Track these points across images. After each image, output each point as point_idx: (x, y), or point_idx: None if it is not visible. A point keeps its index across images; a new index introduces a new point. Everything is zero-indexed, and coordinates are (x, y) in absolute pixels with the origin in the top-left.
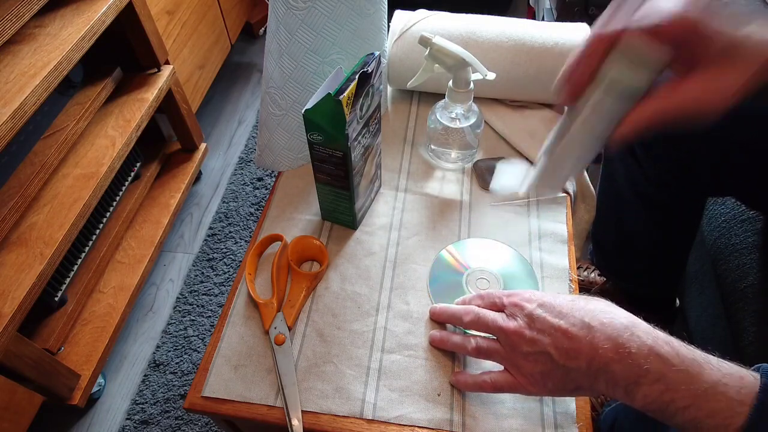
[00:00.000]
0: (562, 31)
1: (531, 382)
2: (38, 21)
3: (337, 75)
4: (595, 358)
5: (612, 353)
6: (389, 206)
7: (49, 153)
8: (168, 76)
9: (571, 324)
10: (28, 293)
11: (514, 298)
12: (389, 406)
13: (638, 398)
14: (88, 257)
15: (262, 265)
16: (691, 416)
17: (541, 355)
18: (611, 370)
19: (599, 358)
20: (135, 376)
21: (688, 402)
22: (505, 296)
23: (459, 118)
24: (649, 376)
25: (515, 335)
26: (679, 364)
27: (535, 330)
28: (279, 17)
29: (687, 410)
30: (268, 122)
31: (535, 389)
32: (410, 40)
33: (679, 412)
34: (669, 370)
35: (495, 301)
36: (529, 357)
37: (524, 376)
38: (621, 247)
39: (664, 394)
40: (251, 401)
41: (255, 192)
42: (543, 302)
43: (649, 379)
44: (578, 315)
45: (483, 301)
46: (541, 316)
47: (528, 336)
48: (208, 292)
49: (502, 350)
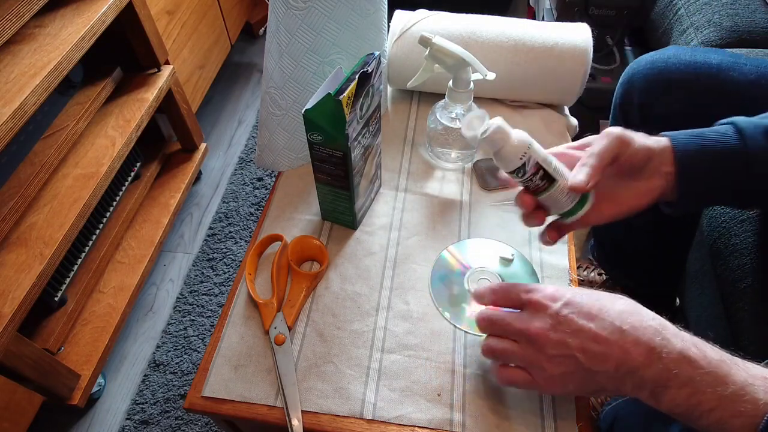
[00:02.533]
0: (562, 31)
1: (551, 384)
2: (38, 21)
3: (337, 75)
4: (624, 362)
5: (642, 358)
6: (389, 206)
7: (49, 153)
8: (168, 76)
9: (602, 327)
10: (28, 293)
11: (535, 294)
12: (389, 406)
13: (665, 402)
14: (88, 257)
15: (262, 265)
16: (717, 417)
17: (567, 359)
18: (640, 375)
19: (629, 363)
20: (135, 376)
21: (714, 404)
22: (523, 292)
23: (459, 118)
24: (678, 380)
25: (540, 337)
26: (706, 366)
27: (560, 332)
28: (279, 17)
29: (713, 412)
30: (268, 122)
31: (554, 389)
32: (410, 40)
33: (705, 415)
34: (697, 373)
35: (511, 296)
36: (553, 360)
37: (545, 378)
38: (621, 246)
39: (692, 398)
40: (251, 401)
41: (255, 192)
42: (568, 301)
43: (677, 383)
44: (608, 317)
45: (496, 296)
46: (568, 317)
47: (554, 338)
48: (208, 292)
49: (521, 351)
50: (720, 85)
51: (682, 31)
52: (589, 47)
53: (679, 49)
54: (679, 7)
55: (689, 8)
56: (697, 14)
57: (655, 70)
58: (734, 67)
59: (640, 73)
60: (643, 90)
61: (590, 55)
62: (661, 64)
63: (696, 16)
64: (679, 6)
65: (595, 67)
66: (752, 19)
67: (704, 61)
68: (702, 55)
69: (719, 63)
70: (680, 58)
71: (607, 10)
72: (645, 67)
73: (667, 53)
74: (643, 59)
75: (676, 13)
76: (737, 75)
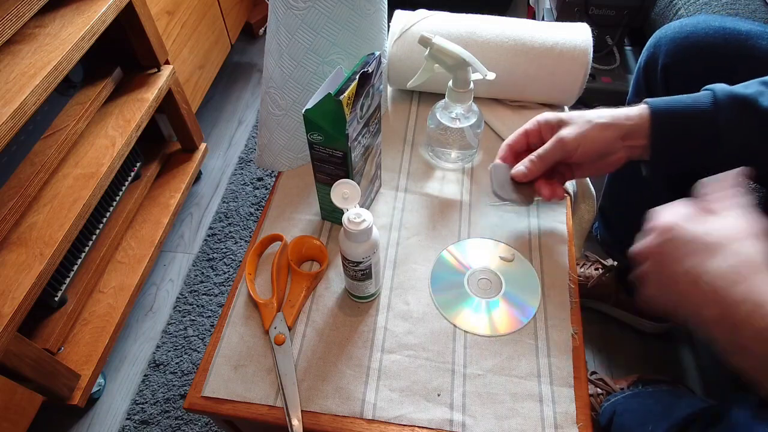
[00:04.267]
0: (562, 31)
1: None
2: (38, 21)
3: (337, 75)
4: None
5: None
6: (389, 206)
7: (49, 153)
8: (168, 76)
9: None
10: (28, 293)
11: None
12: (389, 406)
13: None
14: (88, 257)
15: (262, 265)
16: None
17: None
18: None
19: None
20: (135, 376)
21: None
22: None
23: (459, 118)
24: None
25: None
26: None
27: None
28: (279, 17)
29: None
30: (268, 122)
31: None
32: (410, 40)
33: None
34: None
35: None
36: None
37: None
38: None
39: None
40: (251, 401)
41: (255, 192)
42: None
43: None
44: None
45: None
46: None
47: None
48: (208, 292)
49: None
50: (747, 51)
51: None
52: (589, 47)
53: (709, 17)
54: (679, 7)
55: (689, 8)
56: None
57: (683, 33)
58: (763, 35)
59: (667, 37)
60: (668, 52)
61: (590, 55)
62: (690, 28)
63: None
64: (679, 6)
65: (595, 67)
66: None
67: (733, 28)
68: (731, 22)
69: (748, 30)
70: (709, 24)
71: (607, 10)
72: (673, 30)
73: (697, 19)
74: (672, 24)
75: (676, 13)
76: (766, 43)
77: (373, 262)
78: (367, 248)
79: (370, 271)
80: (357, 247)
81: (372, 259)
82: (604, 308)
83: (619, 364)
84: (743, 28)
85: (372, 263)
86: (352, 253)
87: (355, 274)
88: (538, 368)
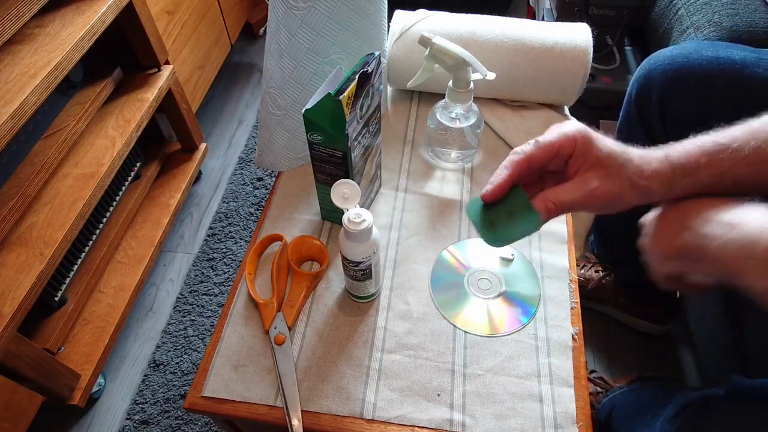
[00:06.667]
0: (562, 31)
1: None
2: (38, 21)
3: (337, 75)
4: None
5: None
6: (389, 206)
7: (49, 153)
8: (168, 76)
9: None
10: (28, 293)
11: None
12: (389, 406)
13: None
14: (88, 257)
15: (262, 265)
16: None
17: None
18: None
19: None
20: (135, 376)
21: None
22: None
23: (459, 118)
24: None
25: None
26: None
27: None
28: (279, 17)
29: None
30: (268, 122)
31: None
32: (410, 40)
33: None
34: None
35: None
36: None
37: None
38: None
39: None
40: (251, 401)
41: (255, 192)
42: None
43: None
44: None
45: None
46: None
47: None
48: (208, 292)
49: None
50: (744, 81)
51: (682, 31)
52: (589, 47)
53: (700, 45)
54: (679, 7)
55: (689, 8)
56: (698, 14)
57: (675, 65)
58: (758, 63)
59: (659, 69)
60: (663, 86)
61: (590, 55)
62: (682, 60)
63: (696, 16)
64: (679, 6)
65: (595, 67)
66: (752, 19)
67: (727, 57)
68: (724, 50)
69: (743, 59)
70: (702, 54)
71: (607, 10)
72: (664, 62)
73: (688, 48)
74: (661, 54)
75: (676, 13)
76: (762, 71)
77: (373, 262)
78: (367, 248)
79: (370, 271)
80: (357, 247)
81: (372, 259)
82: (604, 310)
83: (618, 364)
84: (737, 57)
85: (372, 263)
86: (352, 253)
87: (355, 274)
88: (538, 368)
